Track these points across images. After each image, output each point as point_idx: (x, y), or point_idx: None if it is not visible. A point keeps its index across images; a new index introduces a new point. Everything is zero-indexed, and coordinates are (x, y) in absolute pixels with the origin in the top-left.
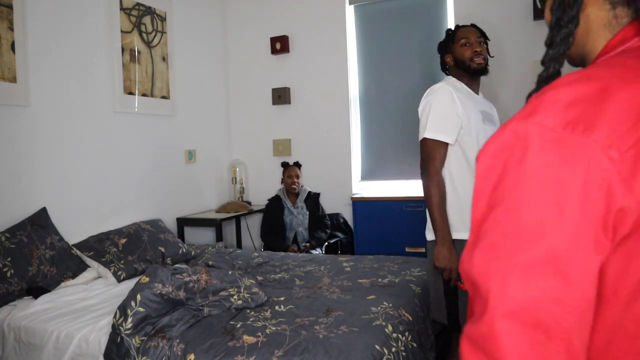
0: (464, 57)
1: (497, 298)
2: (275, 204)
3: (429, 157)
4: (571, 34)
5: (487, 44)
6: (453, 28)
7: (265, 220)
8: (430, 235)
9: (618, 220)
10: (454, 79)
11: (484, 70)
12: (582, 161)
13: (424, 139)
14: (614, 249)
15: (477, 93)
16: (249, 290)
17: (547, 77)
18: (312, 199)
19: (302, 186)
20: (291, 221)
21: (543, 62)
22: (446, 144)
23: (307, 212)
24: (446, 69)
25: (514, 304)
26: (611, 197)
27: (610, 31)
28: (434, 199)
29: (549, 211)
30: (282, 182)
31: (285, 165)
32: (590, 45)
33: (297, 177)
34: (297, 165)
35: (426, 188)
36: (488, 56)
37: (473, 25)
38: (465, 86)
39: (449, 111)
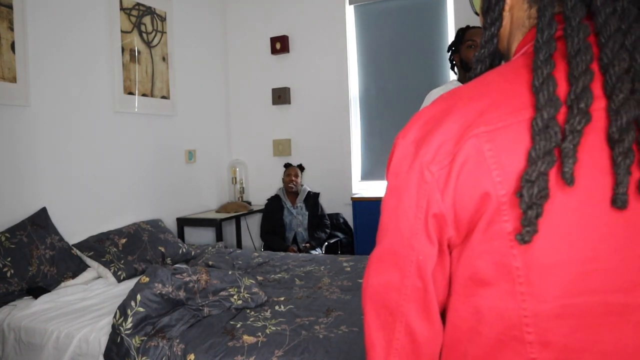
0: (468, 59)
1: (363, 286)
2: (274, 203)
3: None
4: (494, 36)
5: None
6: (464, 27)
7: (265, 219)
8: None
9: (437, 224)
10: (456, 82)
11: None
12: (413, 173)
13: None
14: (449, 250)
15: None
16: (249, 290)
17: (475, 76)
18: (312, 199)
19: (301, 186)
20: (291, 221)
21: (474, 63)
22: None
23: (307, 213)
24: (454, 69)
25: (370, 289)
26: (429, 205)
27: (522, 32)
28: None
29: (391, 214)
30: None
31: (287, 166)
32: (511, 45)
33: (296, 176)
34: (300, 167)
35: None
36: None
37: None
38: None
39: None
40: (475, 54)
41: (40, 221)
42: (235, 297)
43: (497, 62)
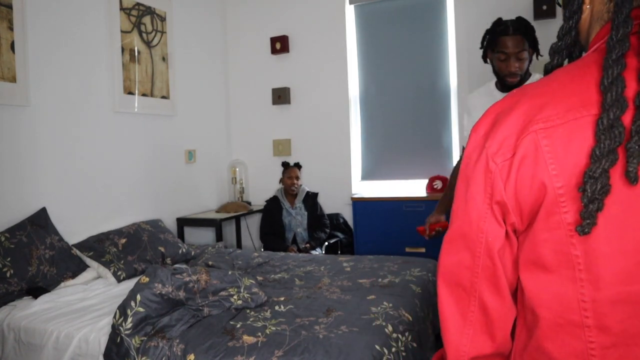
0: (500, 69)
1: (438, 265)
2: (273, 204)
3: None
4: (572, 28)
5: (534, 49)
6: (495, 26)
7: (264, 221)
8: None
9: (501, 210)
10: (493, 84)
11: (517, 85)
12: (480, 163)
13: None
14: (517, 233)
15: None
16: (249, 290)
17: (552, 68)
18: (311, 199)
19: (300, 186)
20: (290, 222)
21: (549, 54)
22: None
23: (306, 213)
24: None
25: (442, 268)
26: (493, 192)
27: (600, 26)
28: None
29: (460, 200)
30: (280, 182)
31: (285, 165)
32: (589, 38)
33: (297, 178)
34: (298, 166)
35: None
36: (526, 68)
37: (518, 30)
38: (498, 92)
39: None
40: (553, 45)
41: (40, 221)
42: (235, 297)
43: (577, 54)
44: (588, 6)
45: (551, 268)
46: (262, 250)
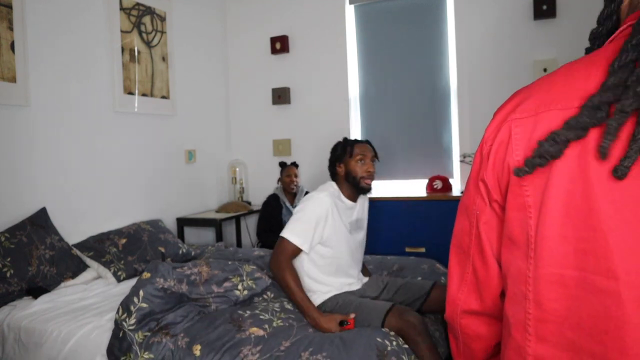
0: (356, 173)
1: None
2: (273, 202)
3: (284, 251)
4: (613, 13)
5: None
6: (348, 140)
7: (262, 218)
8: None
9: (484, 187)
10: (337, 189)
11: (369, 190)
12: (479, 147)
13: (289, 241)
14: (501, 209)
15: (355, 201)
16: (252, 276)
17: (590, 52)
18: None
19: (299, 186)
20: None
21: (589, 39)
22: (301, 249)
23: None
24: (334, 175)
25: (454, 233)
26: (480, 171)
27: (630, 11)
28: (291, 285)
29: (469, 178)
30: (278, 182)
31: (283, 165)
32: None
33: (296, 176)
34: (295, 165)
35: (282, 278)
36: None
37: (368, 143)
38: (344, 197)
39: (313, 224)
40: (593, 30)
41: (40, 221)
42: (239, 287)
43: (603, 43)
44: None
45: (518, 244)
46: (259, 247)
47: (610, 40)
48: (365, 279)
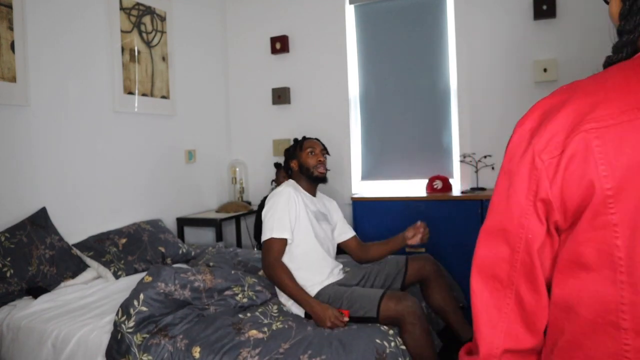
0: (308, 163)
1: (474, 256)
2: None
3: (272, 252)
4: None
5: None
6: (300, 139)
7: (259, 221)
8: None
9: (544, 208)
10: (294, 182)
11: (324, 179)
12: (526, 159)
13: (271, 239)
14: (557, 232)
15: (315, 195)
16: (253, 289)
17: (612, 63)
18: None
19: None
20: None
21: (613, 50)
22: (285, 239)
23: None
24: (289, 172)
25: (479, 260)
26: (538, 189)
27: None
28: (286, 281)
29: (502, 194)
30: (272, 183)
31: (278, 166)
32: None
33: None
34: None
35: (276, 276)
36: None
37: (317, 140)
38: (302, 189)
39: (285, 213)
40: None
41: (40, 221)
42: (240, 295)
43: (631, 53)
44: None
45: (593, 267)
46: (256, 248)
47: None
48: (347, 269)
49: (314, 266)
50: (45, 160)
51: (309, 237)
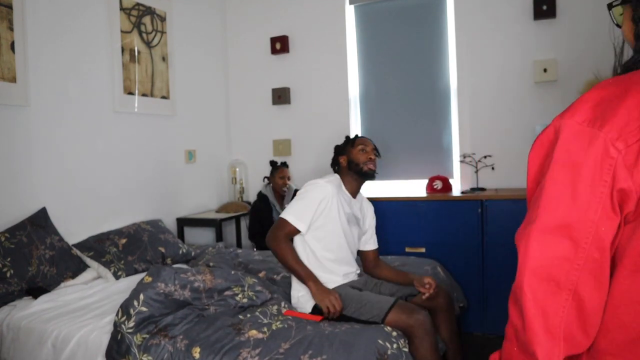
0: (359, 159)
1: (522, 257)
2: (263, 203)
3: (282, 230)
4: None
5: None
6: (352, 136)
7: (254, 220)
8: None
9: (621, 198)
10: (339, 179)
11: (373, 176)
12: (595, 148)
13: (287, 221)
14: (624, 223)
15: (355, 195)
16: (253, 289)
17: (631, 66)
18: None
19: (290, 187)
20: None
21: (627, 67)
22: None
23: None
24: (336, 168)
25: (534, 262)
26: (615, 179)
27: None
28: (288, 256)
29: (565, 188)
30: (265, 179)
31: (274, 165)
32: None
33: (289, 178)
34: (285, 165)
35: (279, 248)
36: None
37: (370, 140)
38: (345, 190)
39: (315, 205)
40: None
41: (40, 221)
42: (240, 296)
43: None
44: None
45: None
46: (255, 250)
47: None
48: (360, 272)
49: (332, 267)
50: (45, 161)
51: (335, 239)
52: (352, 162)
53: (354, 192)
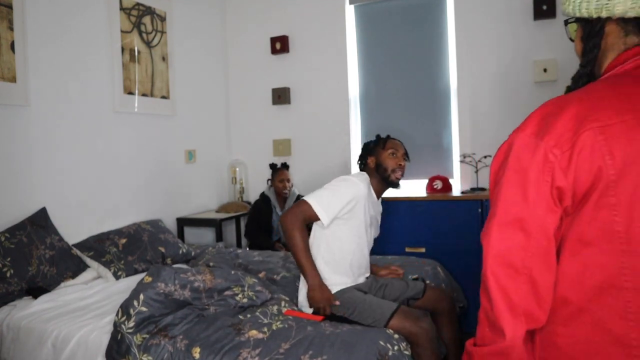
0: (387, 165)
1: (486, 248)
2: (264, 205)
3: (302, 212)
4: (595, 58)
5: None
6: (383, 136)
7: (252, 220)
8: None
9: (559, 194)
10: (368, 179)
11: (397, 185)
12: (538, 155)
13: (311, 206)
14: (565, 215)
15: (379, 198)
16: (253, 289)
17: (570, 90)
18: None
19: (291, 188)
20: (279, 225)
21: (574, 79)
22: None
23: None
24: (363, 166)
25: (494, 251)
26: (554, 179)
27: (615, 54)
28: (299, 244)
29: (517, 189)
30: (268, 181)
31: (274, 167)
32: (601, 65)
33: (288, 181)
34: (285, 166)
35: (292, 234)
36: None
37: (401, 142)
38: (372, 190)
39: (344, 202)
40: (578, 72)
41: (40, 221)
42: (240, 295)
43: (586, 80)
44: (603, 41)
45: (594, 243)
46: (247, 248)
47: (610, 73)
48: (369, 276)
49: (345, 268)
50: (45, 160)
51: (354, 239)
52: (380, 166)
53: (379, 194)
